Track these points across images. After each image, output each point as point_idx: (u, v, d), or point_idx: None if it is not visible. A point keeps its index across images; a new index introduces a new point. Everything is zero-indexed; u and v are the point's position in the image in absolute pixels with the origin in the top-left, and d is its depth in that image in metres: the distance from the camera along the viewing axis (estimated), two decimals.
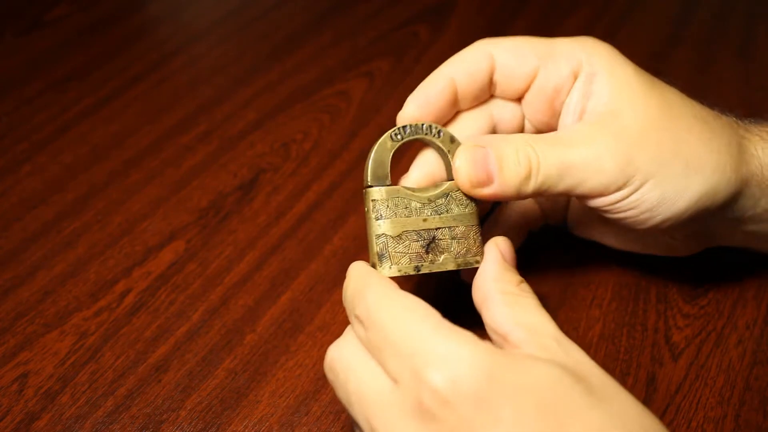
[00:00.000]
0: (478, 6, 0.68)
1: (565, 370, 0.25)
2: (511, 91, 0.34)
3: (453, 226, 0.32)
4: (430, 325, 0.26)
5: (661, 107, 0.32)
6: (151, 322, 0.39)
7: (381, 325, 0.27)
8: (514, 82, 0.33)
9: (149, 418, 0.34)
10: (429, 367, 0.24)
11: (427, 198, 0.31)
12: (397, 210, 0.31)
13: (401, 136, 0.32)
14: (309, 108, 0.55)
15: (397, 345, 0.26)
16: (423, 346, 0.25)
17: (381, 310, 0.27)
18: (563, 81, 0.33)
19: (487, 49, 0.33)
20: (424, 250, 0.31)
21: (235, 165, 0.49)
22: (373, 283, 0.29)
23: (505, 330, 0.28)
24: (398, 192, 0.31)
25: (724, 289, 0.39)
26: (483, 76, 0.33)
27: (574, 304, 0.39)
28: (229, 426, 0.34)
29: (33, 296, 0.40)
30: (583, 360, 0.26)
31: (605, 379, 0.26)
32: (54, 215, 0.46)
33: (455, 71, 0.33)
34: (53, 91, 0.57)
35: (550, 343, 0.27)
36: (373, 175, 0.31)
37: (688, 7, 0.66)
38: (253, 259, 0.42)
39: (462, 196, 0.32)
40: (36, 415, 0.34)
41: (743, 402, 0.34)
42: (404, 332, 0.26)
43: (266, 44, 0.63)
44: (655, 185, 0.31)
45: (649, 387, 0.35)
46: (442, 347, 0.25)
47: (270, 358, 0.37)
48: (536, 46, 0.33)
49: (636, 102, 0.31)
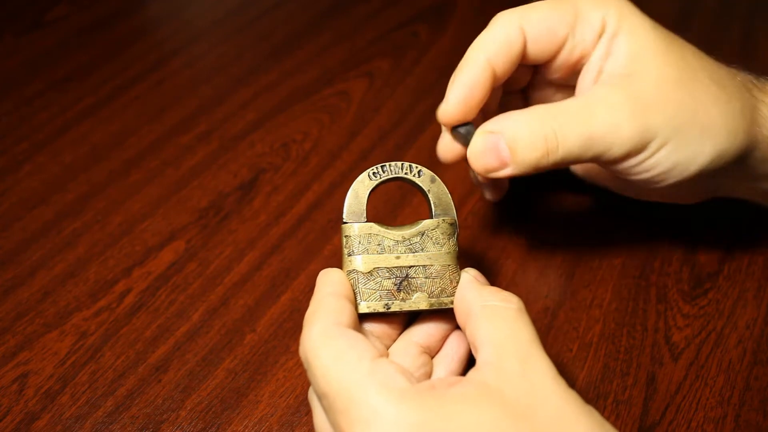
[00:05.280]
0: (478, 6, 0.68)
1: (505, 410, 0.24)
2: (538, 60, 0.34)
3: (427, 265, 0.31)
4: (359, 374, 0.26)
5: (679, 68, 0.32)
6: (151, 322, 0.39)
7: (314, 373, 0.27)
8: (543, 53, 0.33)
9: (149, 418, 0.34)
10: (354, 429, 0.25)
11: (401, 236, 0.31)
12: (369, 246, 0.31)
13: (380, 176, 0.32)
14: (309, 108, 0.55)
15: (329, 398, 0.26)
16: (350, 402, 0.25)
17: (316, 356, 0.27)
18: (588, 46, 0.33)
19: (518, 24, 0.32)
20: (396, 288, 0.31)
21: (235, 165, 0.49)
22: (317, 316, 0.28)
23: (477, 346, 0.28)
24: (371, 229, 0.31)
25: (724, 289, 0.39)
26: (518, 53, 0.33)
27: (574, 304, 0.39)
28: (229, 426, 0.34)
29: (33, 296, 0.40)
30: (543, 387, 0.25)
31: (559, 409, 0.25)
32: (54, 215, 0.46)
33: (491, 54, 0.32)
34: (53, 91, 0.57)
35: (512, 367, 0.26)
36: (349, 211, 0.31)
37: (688, 7, 0.65)
38: (253, 259, 0.42)
39: (439, 234, 0.31)
40: (36, 415, 0.34)
41: (743, 402, 0.34)
42: (334, 384, 0.26)
43: (266, 44, 0.62)
44: (671, 151, 0.31)
45: (649, 387, 0.35)
46: (368, 405, 0.25)
47: (270, 358, 0.37)
48: (563, 13, 0.32)
49: (654, 63, 0.31)
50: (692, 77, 0.32)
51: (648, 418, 0.33)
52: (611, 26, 0.32)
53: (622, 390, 0.35)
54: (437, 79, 0.57)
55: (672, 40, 0.33)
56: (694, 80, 0.32)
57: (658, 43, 0.32)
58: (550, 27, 0.32)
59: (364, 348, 0.27)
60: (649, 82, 0.31)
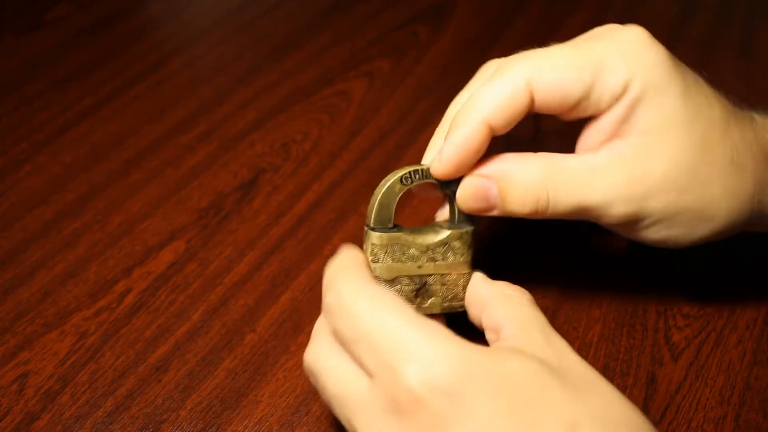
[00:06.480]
0: (478, 6, 0.68)
1: (544, 364, 0.25)
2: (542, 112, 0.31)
3: (445, 274, 0.32)
4: (406, 319, 0.26)
5: (696, 149, 0.29)
6: (151, 322, 0.39)
7: (354, 317, 0.26)
8: (552, 111, 0.30)
9: (149, 418, 0.34)
10: (404, 364, 0.24)
11: (426, 245, 0.31)
12: (394, 256, 0.31)
13: (411, 181, 0.31)
14: (309, 108, 0.55)
15: (371, 338, 0.26)
16: (398, 340, 0.25)
17: (355, 300, 0.27)
18: (603, 108, 0.30)
19: (527, 82, 0.29)
20: (414, 295, 0.32)
21: (235, 165, 0.49)
22: (349, 272, 0.28)
23: (499, 324, 0.28)
24: (399, 239, 0.31)
25: (724, 289, 0.39)
26: (521, 112, 0.30)
27: (574, 304, 0.39)
28: (229, 426, 0.34)
29: (33, 296, 0.40)
30: (567, 354, 0.27)
31: (587, 373, 0.26)
32: (54, 215, 0.46)
33: (490, 115, 0.30)
34: (53, 91, 0.57)
35: (537, 337, 0.27)
36: (377, 218, 0.31)
37: (688, 7, 0.65)
38: (253, 259, 0.42)
39: (461, 245, 0.31)
40: (36, 415, 0.34)
41: (743, 402, 0.34)
42: (379, 326, 0.26)
43: (266, 44, 0.63)
44: (663, 228, 0.31)
45: (649, 387, 0.35)
46: (417, 343, 0.25)
47: (270, 358, 0.37)
48: (581, 73, 0.29)
49: (671, 144, 0.29)
50: (709, 160, 0.29)
51: (648, 418, 0.33)
52: (634, 90, 0.29)
53: (622, 390, 0.34)
54: (437, 79, 0.57)
55: (700, 107, 0.30)
56: (710, 163, 0.30)
57: (683, 115, 0.29)
58: (564, 90, 0.29)
59: (404, 303, 0.27)
60: (661, 164, 0.29)
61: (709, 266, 0.40)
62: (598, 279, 0.40)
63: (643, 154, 0.29)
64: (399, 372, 0.24)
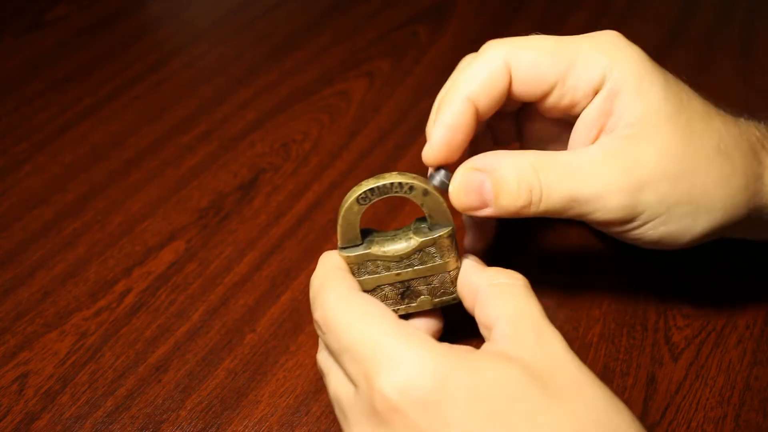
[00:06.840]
0: (478, 6, 0.68)
1: (527, 371, 0.25)
2: (524, 99, 0.32)
3: (428, 275, 0.32)
4: (384, 328, 0.26)
5: (684, 138, 0.30)
6: (151, 322, 0.39)
7: (336, 331, 0.27)
8: (529, 95, 0.31)
9: (149, 418, 0.34)
10: (380, 374, 0.25)
11: (399, 256, 0.31)
12: (369, 270, 0.31)
13: (368, 200, 0.30)
14: (309, 108, 0.55)
15: (351, 350, 0.27)
16: (376, 351, 0.26)
17: (336, 315, 0.28)
18: (579, 98, 0.31)
19: (504, 60, 0.30)
20: (399, 297, 0.32)
21: (235, 165, 0.49)
22: (332, 284, 0.29)
23: (490, 323, 0.28)
24: (368, 256, 0.31)
25: (724, 289, 0.39)
26: (502, 92, 0.31)
27: (574, 304, 0.39)
28: (229, 426, 0.34)
29: (33, 296, 0.40)
30: (558, 354, 0.26)
31: (576, 374, 0.26)
32: (54, 215, 0.46)
33: (473, 92, 0.30)
34: (53, 91, 0.57)
35: (527, 337, 0.27)
36: (343, 238, 0.31)
37: (688, 7, 0.65)
38: (253, 259, 0.42)
39: (437, 249, 0.31)
40: (36, 415, 0.34)
41: (743, 402, 0.34)
42: (360, 337, 0.27)
43: (266, 44, 0.63)
44: (659, 224, 0.30)
45: (649, 387, 0.35)
46: (395, 353, 0.25)
47: (270, 358, 0.37)
48: (556, 57, 0.30)
49: (659, 132, 0.30)
50: (697, 149, 0.30)
51: (648, 418, 0.33)
52: (612, 82, 0.30)
53: (622, 390, 0.35)
54: (437, 79, 0.57)
55: (681, 100, 0.30)
56: (699, 153, 0.30)
57: (667, 106, 0.30)
58: (539, 71, 0.30)
59: (384, 308, 0.28)
60: (650, 154, 0.29)
61: (709, 266, 0.40)
62: (599, 279, 0.40)
63: (632, 146, 0.30)
64: (376, 381, 0.25)
